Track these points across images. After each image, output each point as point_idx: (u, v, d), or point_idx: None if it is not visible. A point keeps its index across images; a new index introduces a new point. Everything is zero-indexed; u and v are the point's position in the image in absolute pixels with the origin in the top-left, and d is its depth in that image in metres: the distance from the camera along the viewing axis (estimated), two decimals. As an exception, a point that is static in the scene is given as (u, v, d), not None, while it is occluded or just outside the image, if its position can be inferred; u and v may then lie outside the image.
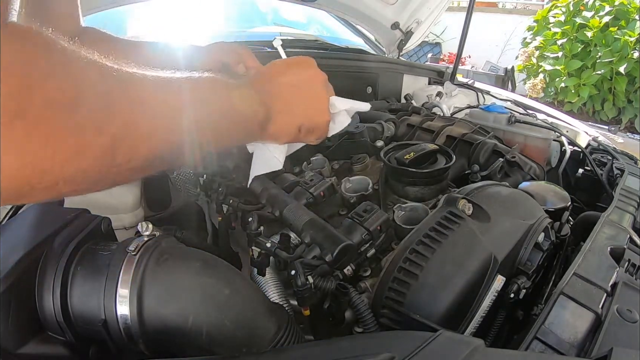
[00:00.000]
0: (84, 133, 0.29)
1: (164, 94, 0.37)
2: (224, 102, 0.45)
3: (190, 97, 0.40)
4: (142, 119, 0.34)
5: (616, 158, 0.98)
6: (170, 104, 0.38)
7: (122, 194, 0.82)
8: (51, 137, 0.27)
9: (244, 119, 0.48)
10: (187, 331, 0.40)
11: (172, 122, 0.38)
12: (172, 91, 0.39)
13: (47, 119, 0.27)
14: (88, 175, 0.31)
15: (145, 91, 0.36)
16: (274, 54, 1.29)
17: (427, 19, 1.73)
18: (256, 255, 0.58)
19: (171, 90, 0.39)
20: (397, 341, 0.38)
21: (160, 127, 0.36)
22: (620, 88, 3.92)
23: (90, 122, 0.30)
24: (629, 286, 0.47)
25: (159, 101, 0.36)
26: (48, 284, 0.41)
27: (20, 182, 0.27)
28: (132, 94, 0.34)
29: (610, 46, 3.87)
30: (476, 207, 0.54)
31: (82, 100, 0.29)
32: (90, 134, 0.30)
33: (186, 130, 0.39)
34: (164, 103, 0.37)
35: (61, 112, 0.28)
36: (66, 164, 0.29)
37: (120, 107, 0.33)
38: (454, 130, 0.98)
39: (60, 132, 0.28)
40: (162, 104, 0.37)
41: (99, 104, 0.31)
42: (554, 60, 4.28)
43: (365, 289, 0.55)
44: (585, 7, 4.16)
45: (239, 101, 0.46)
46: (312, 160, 0.87)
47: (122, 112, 0.33)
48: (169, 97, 0.38)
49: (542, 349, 0.40)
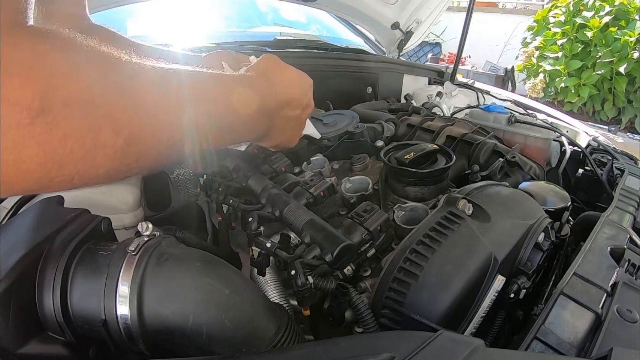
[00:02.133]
0: (100, 133, 0.30)
1: (168, 89, 0.38)
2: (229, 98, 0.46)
3: (194, 93, 0.40)
4: (150, 118, 0.35)
5: (616, 158, 0.98)
6: (174, 99, 0.38)
7: (122, 194, 0.82)
8: (70, 136, 0.28)
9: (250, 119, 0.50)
10: (187, 331, 0.40)
11: (176, 118, 0.38)
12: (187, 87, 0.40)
13: (67, 118, 0.28)
14: (101, 172, 0.32)
15: (152, 89, 0.36)
16: (274, 53, 1.30)
17: (427, 19, 1.73)
18: (256, 255, 0.58)
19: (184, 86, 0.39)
20: (397, 341, 0.38)
21: (165, 124, 0.37)
22: (620, 88, 3.92)
23: (108, 122, 0.31)
24: (629, 286, 0.47)
25: (163, 97, 0.37)
26: (48, 284, 0.41)
27: (40, 175, 0.28)
28: (142, 92, 0.35)
29: (610, 46, 3.87)
30: (476, 207, 0.54)
31: (99, 100, 0.30)
32: (105, 134, 0.31)
33: (189, 127, 0.39)
34: (167, 98, 0.38)
35: (80, 112, 0.29)
36: (82, 161, 0.30)
37: (135, 108, 0.34)
38: (454, 130, 0.98)
39: (78, 131, 0.29)
40: (165, 99, 0.37)
41: (117, 105, 0.32)
42: (554, 60, 4.28)
43: (365, 289, 0.55)
44: (585, 7, 4.16)
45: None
46: (312, 160, 0.87)
47: (137, 112, 0.34)
48: (172, 92, 0.38)
49: (542, 349, 0.40)
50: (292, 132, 0.64)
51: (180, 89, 0.39)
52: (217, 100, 0.45)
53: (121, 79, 0.33)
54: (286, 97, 0.57)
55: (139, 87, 0.34)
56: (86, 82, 0.30)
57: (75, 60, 0.30)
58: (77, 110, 0.29)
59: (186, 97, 0.39)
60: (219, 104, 0.45)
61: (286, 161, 0.84)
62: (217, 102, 0.45)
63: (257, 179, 0.74)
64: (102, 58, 0.32)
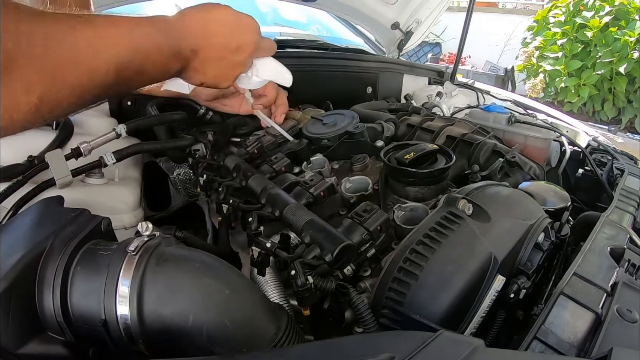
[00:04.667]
0: (15, 93, 0.34)
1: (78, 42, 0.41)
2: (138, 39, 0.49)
3: (103, 41, 0.44)
4: (61, 74, 0.39)
5: (616, 158, 0.98)
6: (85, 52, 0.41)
7: (122, 194, 0.82)
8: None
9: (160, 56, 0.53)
10: (187, 331, 0.40)
11: (87, 68, 0.42)
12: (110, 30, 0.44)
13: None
14: (17, 125, 0.37)
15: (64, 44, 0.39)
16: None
17: (427, 19, 1.73)
18: (256, 255, 0.58)
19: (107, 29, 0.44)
20: (397, 341, 0.38)
21: (76, 77, 0.41)
22: (620, 88, 3.92)
23: (21, 84, 0.34)
24: (629, 286, 0.47)
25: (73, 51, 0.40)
26: (48, 284, 0.41)
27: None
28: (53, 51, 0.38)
29: (610, 46, 3.87)
30: (476, 207, 0.54)
31: (17, 61, 0.33)
32: (20, 94, 0.35)
33: (100, 75, 0.43)
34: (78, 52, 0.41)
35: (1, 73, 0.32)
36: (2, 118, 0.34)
37: (44, 66, 0.37)
38: (454, 130, 0.98)
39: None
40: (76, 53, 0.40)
41: (32, 65, 0.35)
42: (554, 60, 4.29)
43: (365, 289, 0.55)
44: (585, 7, 4.16)
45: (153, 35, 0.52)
46: (312, 160, 0.87)
47: (51, 69, 0.37)
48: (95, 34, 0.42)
49: (542, 349, 0.40)
50: (218, 72, 0.64)
51: (91, 40, 0.42)
52: (124, 45, 0.47)
53: (33, 39, 0.35)
54: (202, 41, 0.59)
55: (50, 44, 0.37)
56: (9, 43, 0.32)
57: (6, 20, 0.32)
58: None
59: (96, 47, 0.42)
60: (126, 47, 0.47)
61: (286, 161, 0.84)
62: (124, 46, 0.47)
63: (257, 179, 0.74)
64: (35, 18, 0.35)
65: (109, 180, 0.83)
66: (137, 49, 0.49)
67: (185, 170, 1.04)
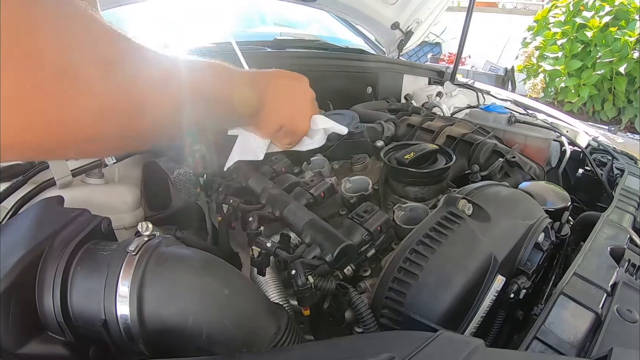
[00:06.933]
0: (110, 99, 0.32)
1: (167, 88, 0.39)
2: (224, 86, 0.47)
3: (192, 80, 0.41)
4: (148, 118, 0.36)
5: (616, 158, 0.98)
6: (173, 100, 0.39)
7: (122, 194, 0.82)
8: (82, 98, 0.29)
9: (240, 104, 0.51)
10: (187, 331, 0.40)
11: (175, 116, 0.39)
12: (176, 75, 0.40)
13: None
14: (108, 138, 0.34)
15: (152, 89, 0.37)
16: (274, 53, 1.30)
17: (427, 19, 1.73)
18: (256, 255, 0.58)
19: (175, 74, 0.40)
20: (397, 341, 0.38)
21: (163, 121, 0.38)
22: (620, 88, 3.92)
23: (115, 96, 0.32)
24: (629, 286, 0.47)
25: (162, 97, 0.37)
26: (48, 284, 0.41)
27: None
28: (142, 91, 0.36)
29: (610, 46, 3.87)
30: (476, 207, 0.54)
31: (100, 100, 0.31)
32: (113, 102, 0.32)
33: (187, 125, 0.41)
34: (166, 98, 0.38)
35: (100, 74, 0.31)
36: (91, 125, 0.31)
37: (135, 108, 0.35)
38: (454, 130, 0.98)
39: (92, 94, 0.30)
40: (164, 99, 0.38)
41: (119, 106, 0.33)
42: (554, 60, 4.28)
43: (365, 289, 0.55)
44: (585, 7, 4.16)
45: (238, 88, 0.49)
46: (312, 160, 0.87)
47: (136, 112, 0.35)
48: (171, 79, 0.39)
49: (542, 349, 0.40)
50: (295, 109, 0.61)
51: (180, 88, 0.39)
52: (217, 99, 0.46)
53: (124, 78, 0.33)
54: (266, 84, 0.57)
55: (140, 85, 0.35)
56: (99, 55, 0.31)
57: (94, 34, 0.31)
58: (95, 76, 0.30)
59: (185, 97, 0.39)
60: (219, 101, 0.46)
61: (286, 161, 0.84)
62: (217, 101, 0.46)
63: (257, 179, 0.74)
64: (104, 56, 0.32)
65: (109, 180, 0.83)
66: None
67: (185, 170, 1.04)
